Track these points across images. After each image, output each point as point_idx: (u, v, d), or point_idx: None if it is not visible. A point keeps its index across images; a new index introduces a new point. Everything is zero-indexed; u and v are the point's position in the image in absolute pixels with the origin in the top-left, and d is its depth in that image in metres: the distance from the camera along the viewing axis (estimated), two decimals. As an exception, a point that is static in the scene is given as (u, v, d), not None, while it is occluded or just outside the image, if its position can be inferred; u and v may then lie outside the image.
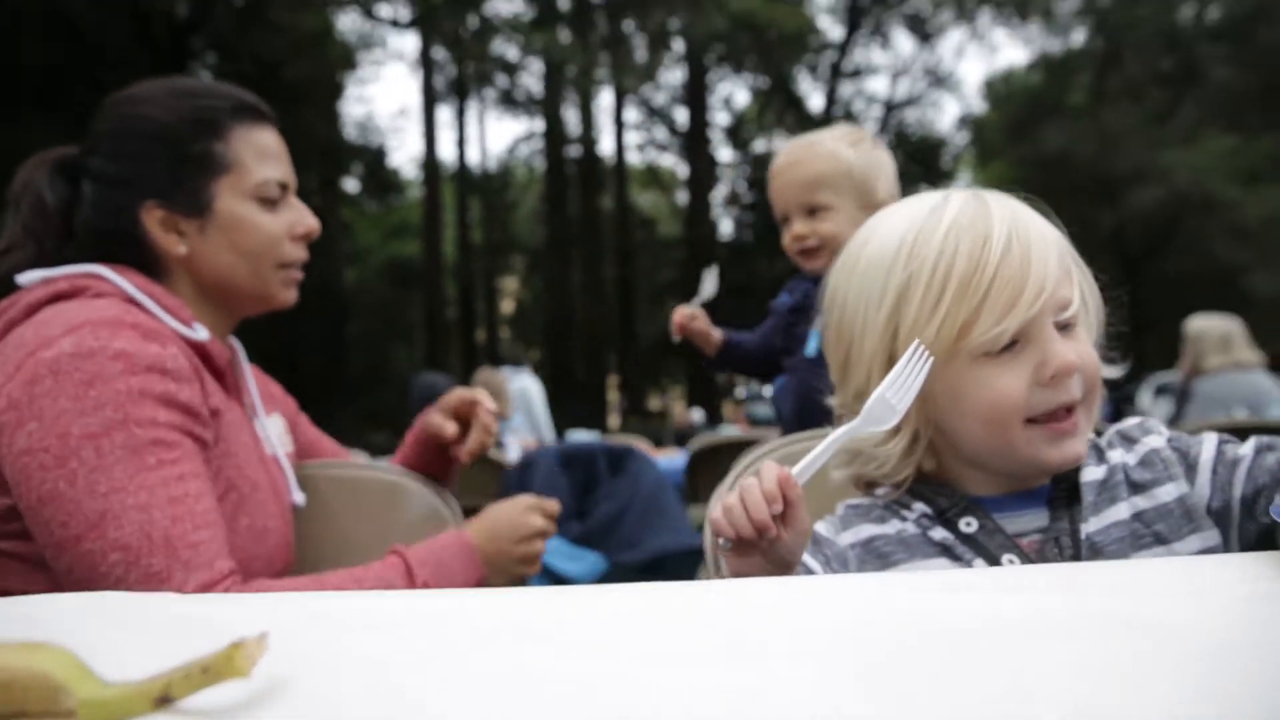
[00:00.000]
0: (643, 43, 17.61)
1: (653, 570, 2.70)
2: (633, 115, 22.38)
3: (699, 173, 20.17)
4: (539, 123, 21.69)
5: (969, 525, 0.79)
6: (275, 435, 1.22)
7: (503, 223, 24.45)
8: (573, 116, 21.19)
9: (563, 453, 2.66)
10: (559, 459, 2.66)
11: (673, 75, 20.68)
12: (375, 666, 0.40)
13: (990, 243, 0.74)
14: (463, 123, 21.58)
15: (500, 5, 16.50)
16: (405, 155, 39.72)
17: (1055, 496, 0.79)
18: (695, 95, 20.28)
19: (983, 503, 0.81)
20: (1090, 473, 0.79)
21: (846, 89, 21.56)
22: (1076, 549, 0.76)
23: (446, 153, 22.49)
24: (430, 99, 19.90)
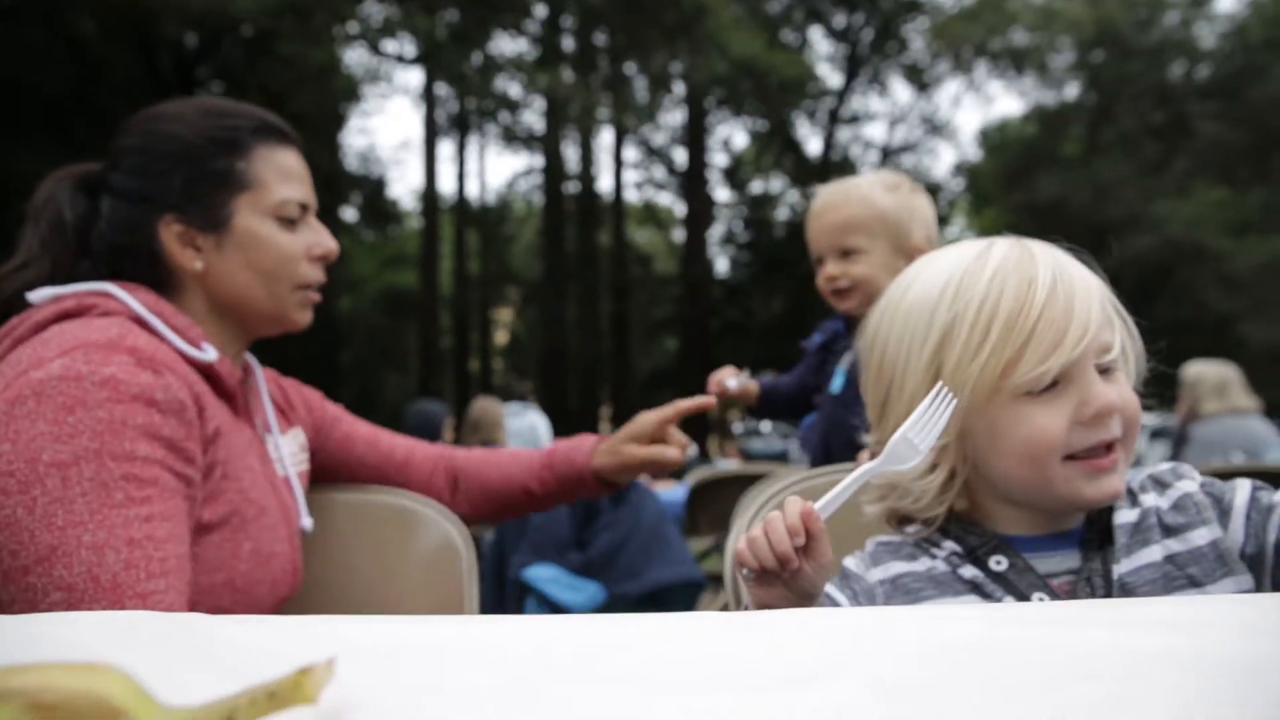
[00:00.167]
0: (644, 84, 17.84)
1: (652, 601, 2.68)
2: (632, 154, 22.66)
3: (696, 212, 20.32)
4: (539, 158, 21.89)
5: (999, 564, 0.79)
6: (289, 454, 1.20)
7: (499, 255, 24.56)
8: (572, 153, 21.40)
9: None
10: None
11: (673, 116, 20.96)
12: (438, 694, 0.40)
13: (1035, 285, 0.77)
14: (463, 156, 21.77)
15: (504, 44, 16.72)
16: (405, 187, 40.05)
17: (1088, 538, 0.80)
18: (694, 136, 20.51)
19: (1014, 542, 0.81)
20: (1123, 515, 0.80)
21: (844, 134, 21.86)
22: (1109, 589, 0.76)
23: (446, 185, 22.62)
24: (432, 133, 20.08)
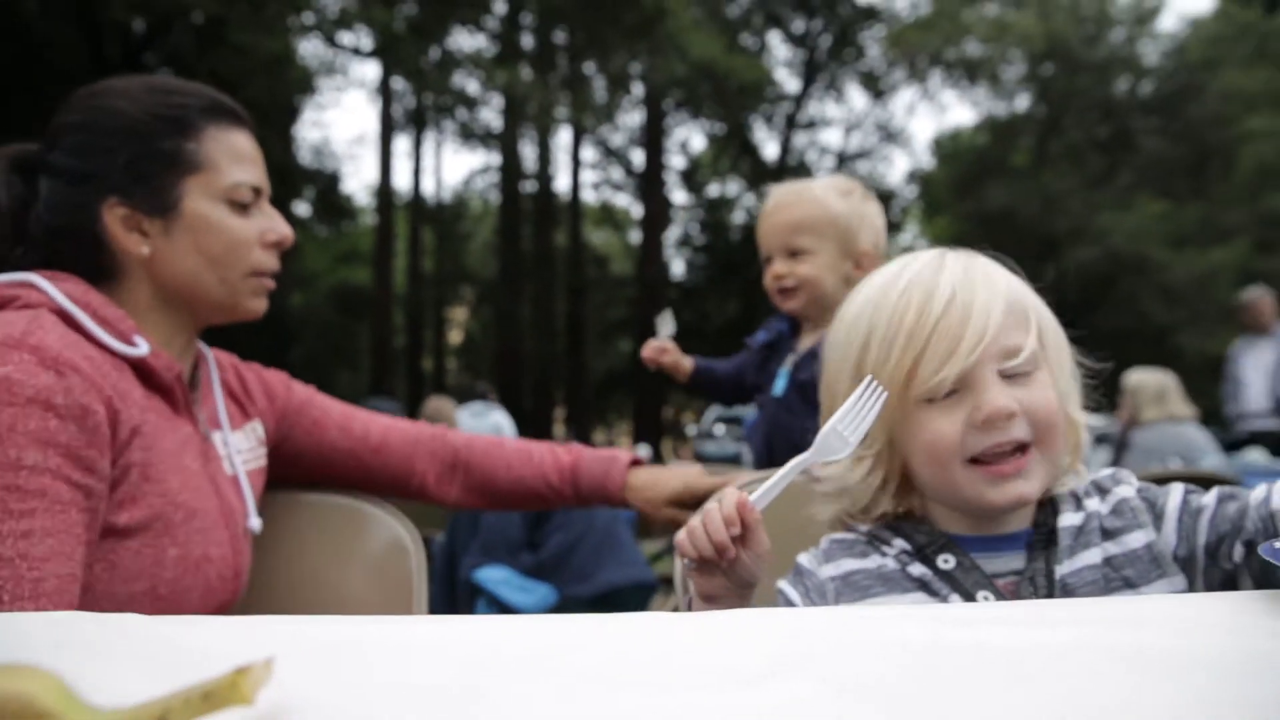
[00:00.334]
0: (603, 84, 17.82)
1: (604, 603, 2.67)
2: (590, 154, 22.60)
3: (653, 213, 20.36)
4: (496, 156, 21.73)
5: (946, 562, 0.81)
6: (241, 451, 1.14)
7: (455, 253, 24.34)
8: (530, 152, 21.30)
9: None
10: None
11: (631, 117, 20.96)
12: (381, 694, 0.39)
13: (935, 297, 0.81)
14: (419, 153, 21.55)
15: (463, 40, 16.56)
16: (359, 182, 39.42)
17: (1035, 539, 0.82)
18: (652, 138, 20.55)
19: (963, 542, 0.83)
20: (1068, 519, 0.82)
21: (801, 139, 22.08)
22: (1050, 590, 0.78)
23: (402, 181, 22.37)
24: (388, 128, 19.82)
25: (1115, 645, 0.45)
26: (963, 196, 20.14)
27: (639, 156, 21.53)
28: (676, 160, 22.79)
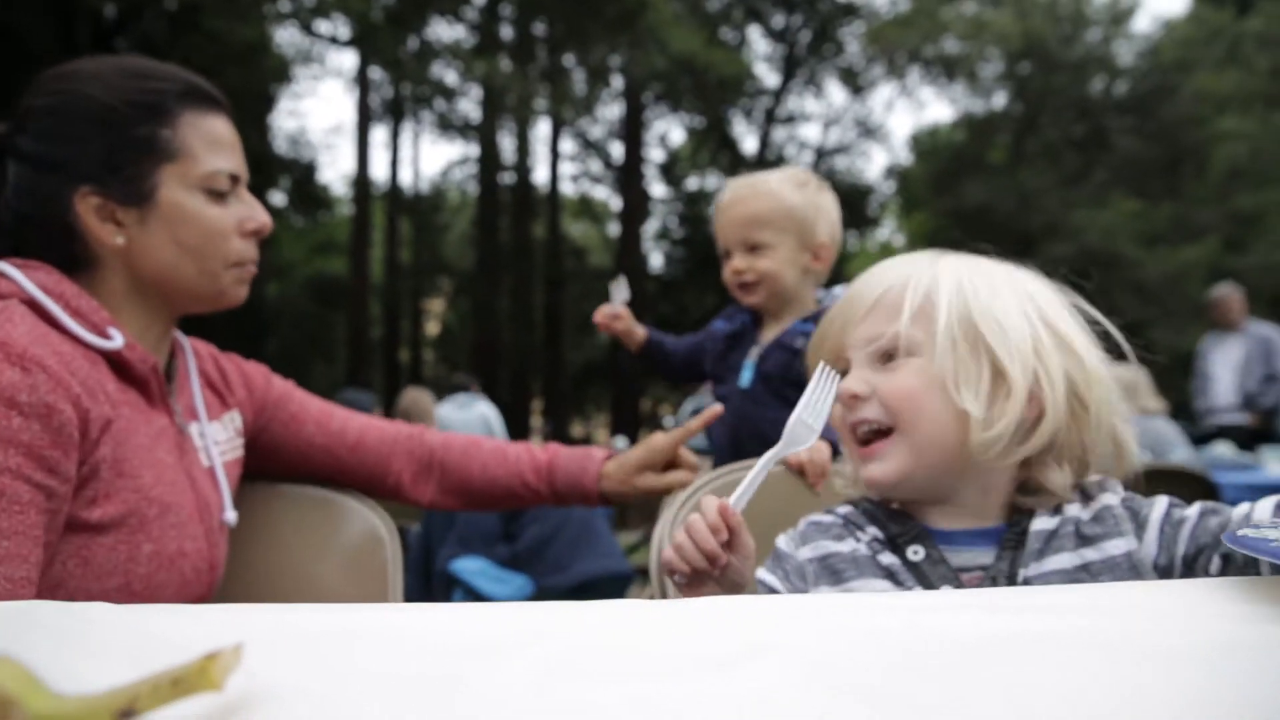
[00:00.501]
0: (582, 76, 17.75)
1: (580, 594, 2.67)
2: (569, 146, 22.52)
3: (631, 206, 20.32)
4: (474, 148, 21.59)
5: (916, 553, 0.82)
6: (219, 442, 1.12)
7: (432, 244, 24.17)
8: (508, 144, 21.18)
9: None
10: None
11: (610, 110, 20.90)
12: (354, 682, 0.39)
13: (850, 288, 0.89)
14: (397, 143, 21.34)
15: (441, 30, 16.42)
16: (336, 172, 39.01)
17: (1007, 538, 0.83)
18: (631, 131, 20.50)
19: (937, 534, 0.84)
20: (1041, 522, 0.82)
21: (780, 134, 22.11)
22: None
23: (379, 172, 22.15)
24: (365, 118, 19.63)
25: (1083, 631, 0.45)
26: (940, 193, 20.26)
27: (618, 149, 21.48)
28: (655, 153, 22.76)
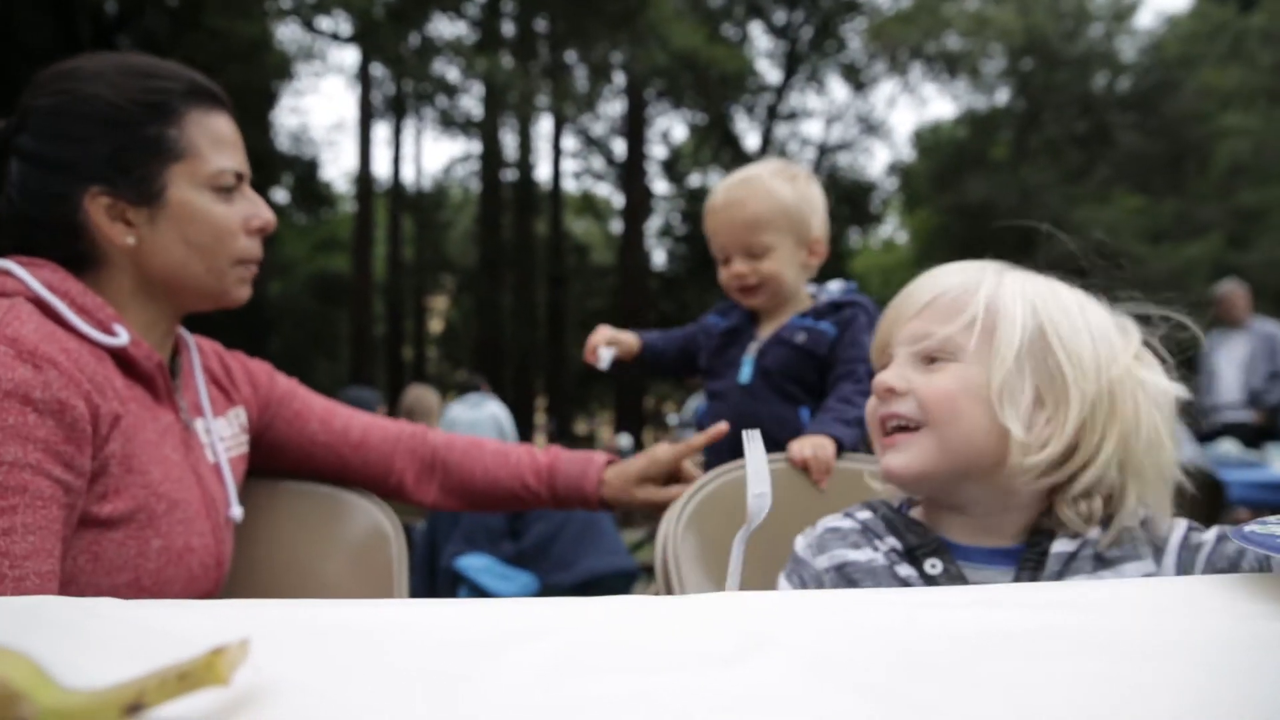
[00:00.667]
0: (584, 73, 17.74)
1: (585, 591, 2.68)
2: (571, 143, 22.50)
3: (634, 203, 20.31)
4: (476, 145, 21.59)
5: (934, 567, 0.82)
6: (224, 438, 1.13)
7: (435, 242, 24.18)
8: (511, 141, 21.18)
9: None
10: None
11: (612, 107, 20.89)
12: (360, 676, 0.39)
13: (909, 286, 0.91)
14: (399, 140, 21.35)
15: (443, 26, 16.41)
16: (338, 169, 39.11)
17: (1026, 558, 0.82)
18: (634, 127, 20.48)
19: (956, 549, 0.83)
20: (1061, 544, 0.81)
21: (782, 130, 22.08)
22: None
23: (381, 169, 22.18)
24: (367, 115, 19.63)
25: (1083, 629, 0.45)
26: (942, 189, 20.23)
27: (620, 146, 21.46)
28: (658, 150, 22.73)
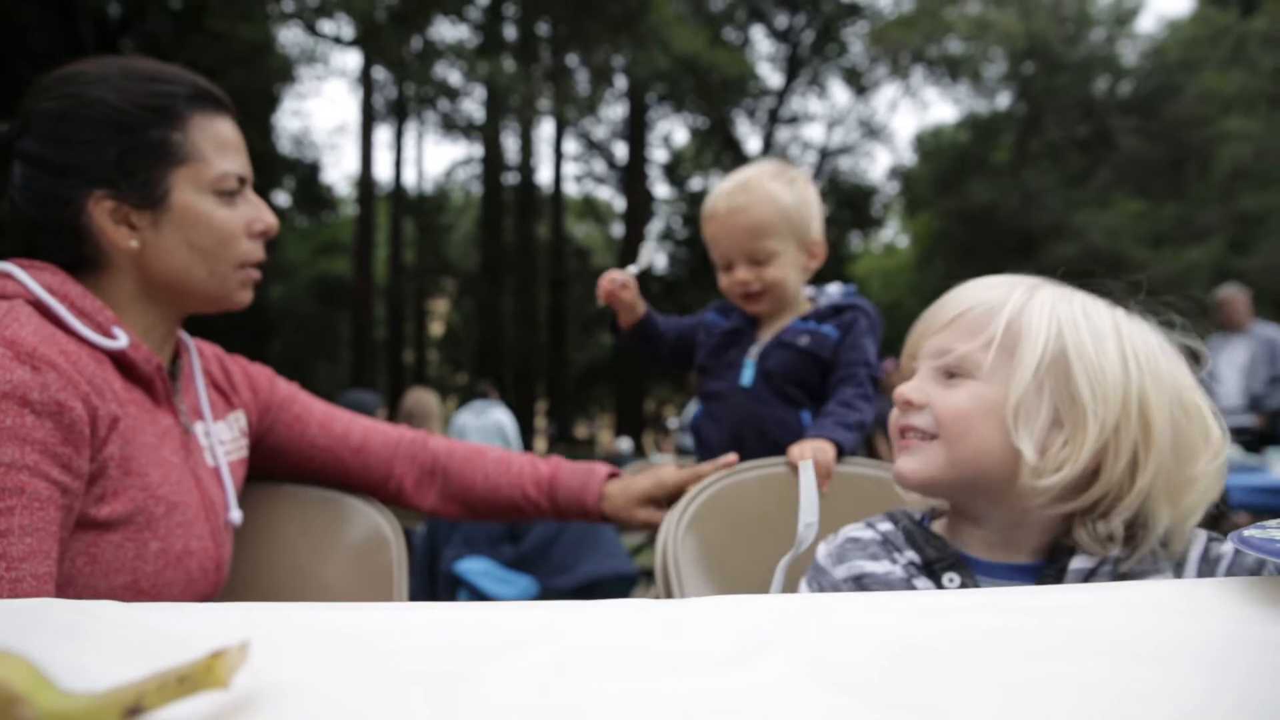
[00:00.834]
0: (586, 77, 17.77)
1: (585, 595, 2.68)
2: (572, 147, 22.56)
3: (635, 207, 20.34)
4: (478, 148, 21.63)
5: (951, 581, 0.81)
6: (224, 441, 1.13)
7: (436, 245, 24.22)
8: (512, 144, 21.24)
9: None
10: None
11: (614, 110, 20.93)
12: (359, 679, 0.39)
13: (941, 299, 0.90)
14: (400, 144, 21.40)
15: (445, 30, 16.45)
16: (340, 172, 39.17)
17: (1045, 574, 0.82)
18: (635, 131, 20.52)
19: (974, 564, 0.83)
20: (1080, 561, 0.81)
21: (783, 134, 22.12)
22: None
23: (383, 172, 22.20)
24: (369, 118, 19.67)
25: (1084, 630, 0.45)
26: (944, 193, 20.24)
27: (621, 149, 21.52)
28: (659, 154, 22.82)
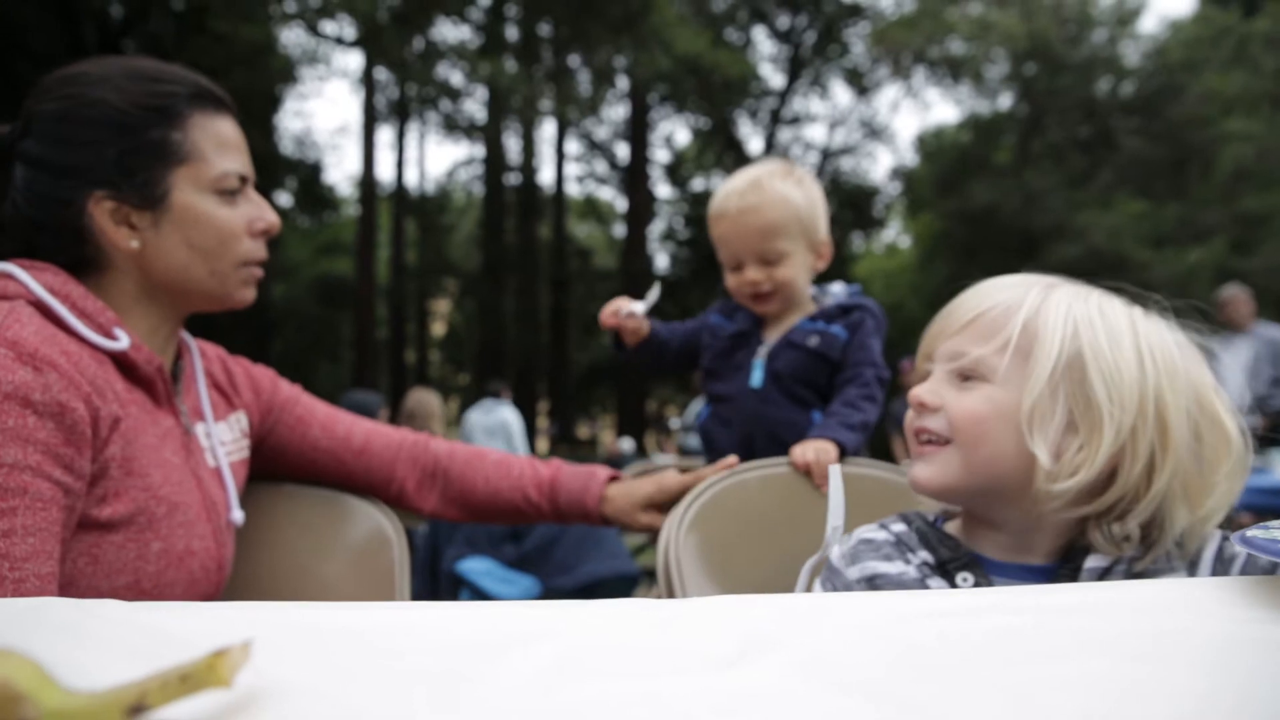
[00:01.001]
0: (587, 77, 17.76)
1: (587, 595, 2.67)
2: (574, 147, 22.56)
3: (637, 207, 20.33)
4: (480, 148, 21.65)
5: (964, 580, 0.81)
6: (225, 442, 1.13)
7: (438, 245, 24.22)
8: (514, 144, 21.25)
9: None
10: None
11: (615, 111, 20.92)
12: (361, 679, 0.39)
13: (956, 299, 0.89)
14: (402, 144, 21.41)
15: (447, 31, 16.45)
16: (342, 173, 39.17)
17: (1059, 575, 0.81)
18: (637, 132, 20.52)
19: (988, 564, 0.83)
20: (1094, 560, 0.81)
21: (785, 135, 22.10)
22: None
23: (384, 173, 22.23)
24: (371, 118, 19.67)
25: (1084, 630, 0.45)
26: (945, 194, 20.23)
27: (623, 150, 21.51)
28: (661, 154, 22.80)
